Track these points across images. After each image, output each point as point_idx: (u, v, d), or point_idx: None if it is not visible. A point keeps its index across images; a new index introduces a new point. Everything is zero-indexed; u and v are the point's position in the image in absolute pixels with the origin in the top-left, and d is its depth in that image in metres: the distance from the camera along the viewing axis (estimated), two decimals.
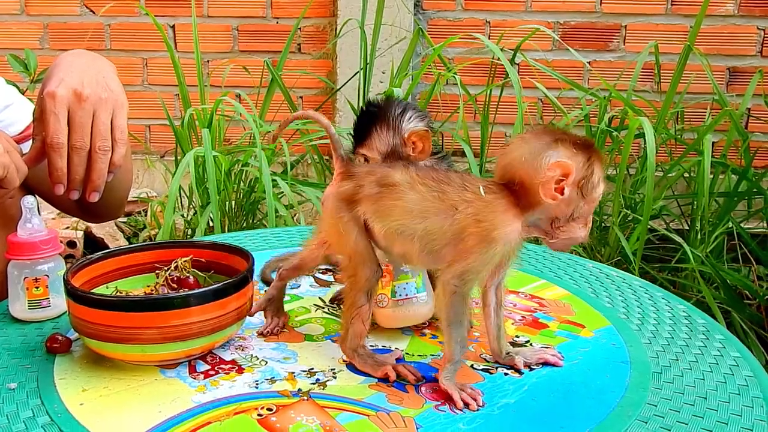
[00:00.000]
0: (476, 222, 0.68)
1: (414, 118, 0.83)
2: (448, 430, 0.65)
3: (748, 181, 1.98)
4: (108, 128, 0.88)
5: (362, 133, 0.83)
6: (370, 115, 0.83)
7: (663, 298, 0.96)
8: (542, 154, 0.68)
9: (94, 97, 0.87)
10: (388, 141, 0.82)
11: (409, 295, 0.82)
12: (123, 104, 0.92)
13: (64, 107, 0.85)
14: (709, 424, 0.66)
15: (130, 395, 0.70)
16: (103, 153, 0.87)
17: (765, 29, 2.43)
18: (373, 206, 0.73)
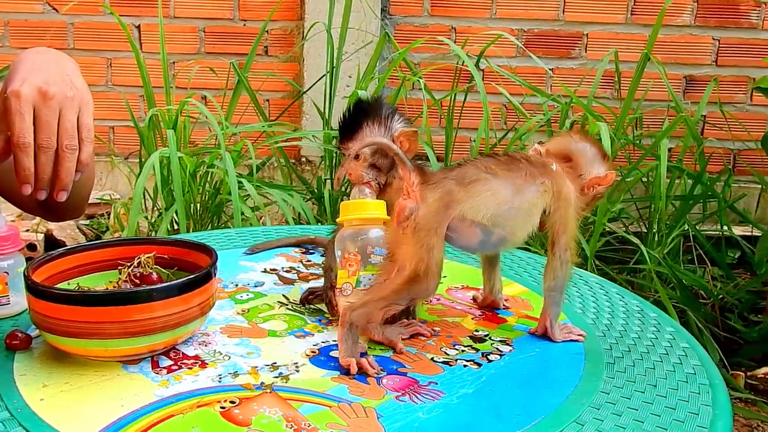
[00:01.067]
0: (558, 193, 0.80)
1: (401, 120, 0.87)
2: (408, 419, 0.66)
3: (703, 185, 2.03)
4: (75, 126, 0.88)
5: (352, 127, 0.85)
6: (362, 110, 0.86)
7: (617, 293, 0.99)
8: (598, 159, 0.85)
9: (60, 96, 0.87)
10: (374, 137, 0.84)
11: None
12: (89, 102, 0.91)
13: (30, 106, 0.84)
14: (658, 409, 0.69)
15: (92, 390, 0.70)
16: (70, 152, 0.87)
17: (720, 39, 2.50)
18: (470, 202, 0.77)
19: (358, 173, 0.86)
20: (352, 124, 0.85)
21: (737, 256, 2.22)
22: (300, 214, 1.91)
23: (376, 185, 0.87)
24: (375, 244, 0.83)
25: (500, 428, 0.65)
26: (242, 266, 1.06)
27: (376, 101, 0.88)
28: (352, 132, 0.85)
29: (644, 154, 2.00)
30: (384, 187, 0.88)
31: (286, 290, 0.97)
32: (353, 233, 0.84)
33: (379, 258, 0.83)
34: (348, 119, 0.86)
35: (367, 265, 0.84)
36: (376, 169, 0.87)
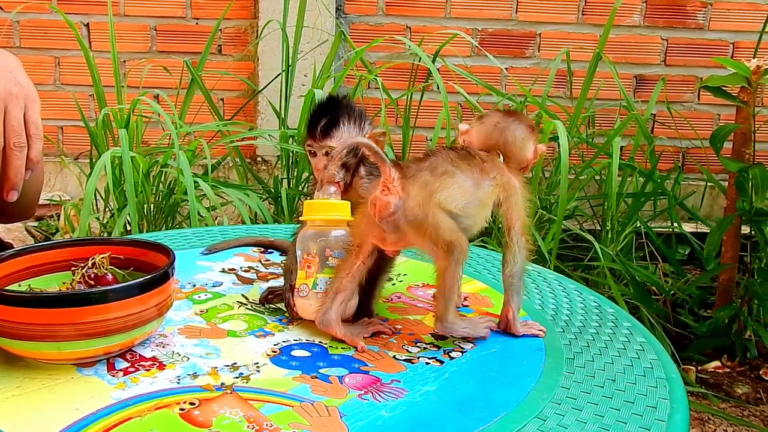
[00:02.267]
0: (505, 183, 0.83)
1: (366, 120, 0.87)
2: (370, 417, 0.66)
3: (654, 182, 2.08)
4: (21, 123, 0.85)
5: (330, 124, 0.85)
6: (339, 107, 0.85)
7: (576, 290, 1.00)
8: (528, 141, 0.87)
9: (4, 93, 0.84)
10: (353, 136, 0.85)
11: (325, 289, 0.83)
12: (35, 99, 0.89)
13: None
14: (617, 403, 0.70)
15: (45, 394, 0.68)
16: (18, 150, 0.84)
17: (668, 39, 2.57)
18: (444, 192, 0.78)
19: (330, 172, 0.85)
20: (330, 122, 0.85)
21: (687, 253, 2.28)
22: (257, 213, 1.89)
23: (343, 185, 0.86)
24: (335, 246, 0.83)
25: (463, 424, 0.65)
26: (200, 266, 1.04)
27: (348, 99, 0.88)
28: (330, 129, 0.85)
29: (597, 153, 2.04)
30: (347, 187, 0.88)
31: (245, 290, 0.96)
32: (315, 234, 0.84)
33: (337, 261, 0.83)
34: (327, 116, 0.85)
35: (325, 268, 0.83)
36: (345, 169, 0.87)
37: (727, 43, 2.56)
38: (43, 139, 0.87)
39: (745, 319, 1.93)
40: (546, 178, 2.13)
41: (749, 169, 1.82)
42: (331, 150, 0.85)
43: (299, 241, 0.85)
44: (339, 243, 0.83)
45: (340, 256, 0.83)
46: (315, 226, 0.84)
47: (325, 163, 0.85)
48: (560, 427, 0.65)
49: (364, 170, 0.89)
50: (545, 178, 2.13)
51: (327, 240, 0.83)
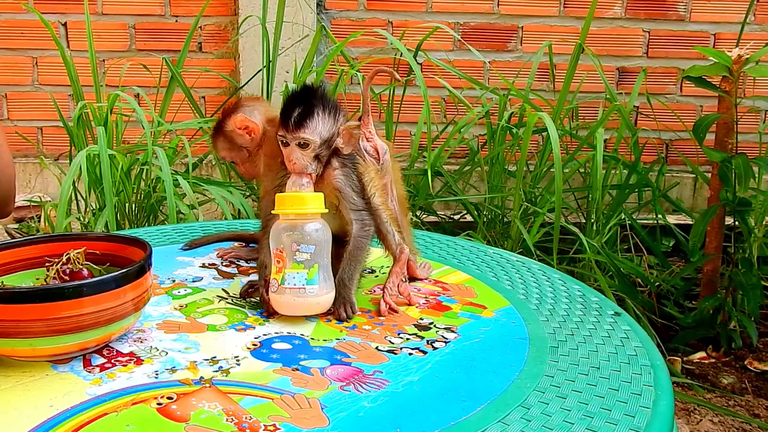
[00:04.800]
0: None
1: (341, 111, 0.86)
2: (352, 408, 0.65)
3: (638, 174, 2.08)
4: None
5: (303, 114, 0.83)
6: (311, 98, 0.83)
7: (560, 279, 1.00)
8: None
9: None
10: (329, 128, 0.84)
11: (297, 285, 0.82)
12: None
13: None
14: (602, 391, 0.69)
15: (19, 392, 0.66)
16: None
17: (650, 31, 2.57)
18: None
19: (303, 163, 0.84)
20: (304, 112, 0.83)
21: (672, 244, 2.28)
22: (240, 210, 1.87)
23: (315, 177, 0.85)
24: (308, 240, 0.81)
25: (446, 414, 0.64)
26: (179, 262, 1.02)
27: (323, 89, 0.86)
28: (303, 120, 0.83)
29: (580, 145, 2.03)
30: (318, 179, 0.86)
31: (225, 284, 0.94)
32: (286, 227, 0.82)
33: (306, 255, 0.81)
34: (301, 107, 0.84)
35: (293, 264, 0.82)
36: (317, 160, 0.85)
37: (709, 34, 2.57)
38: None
39: (730, 310, 1.94)
40: (530, 171, 2.13)
41: (732, 159, 1.82)
42: (304, 141, 0.83)
43: (271, 236, 0.84)
44: (312, 237, 0.82)
45: (308, 250, 0.81)
46: (287, 220, 0.83)
47: (293, 155, 0.84)
48: (544, 416, 0.64)
49: (337, 162, 0.88)
50: (530, 171, 2.12)
51: (298, 234, 0.82)
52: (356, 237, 0.87)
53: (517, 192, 1.92)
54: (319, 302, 0.83)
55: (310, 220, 0.83)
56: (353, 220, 0.87)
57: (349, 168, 0.88)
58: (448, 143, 2.12)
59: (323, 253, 0.83)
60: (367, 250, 0.88)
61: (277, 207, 0.83)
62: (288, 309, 0.83)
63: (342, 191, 0.87)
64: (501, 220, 2.08)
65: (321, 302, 0.83)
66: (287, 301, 0.82)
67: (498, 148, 2.06)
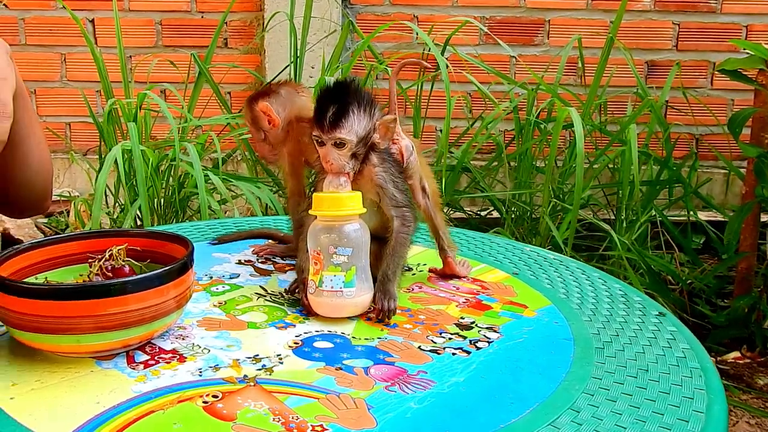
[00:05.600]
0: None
1: (376, 106, 0.83)
2: (399, 409, 0.64)
3: (670, 170, 2.05)
4: None
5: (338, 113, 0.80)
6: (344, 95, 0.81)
7: (600, 278, 0.98)
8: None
9: None
10: (365, 125, 0.81)
11: (335, 288, 0.81)
12: (6, 78, 0.85)
13: None
14: (652, 394, 0.68)
15: (65, 388, 0.66)
16: None
17: (680, 24, 2.53)
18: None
19: (340, 163, 0.82)
20: (339, 111, 0.80)
21: (702, 242, 2.25)
22: (267, 206, 1.87)
23: (352, 175, 0.83)
24: (346, 242, 0.80)
25: (494, 416, 0.63)
26: (216, 258, 1.02)
27: (356, 84, 0.83)
28: (339, 119, 0.80)
29: (612, 140, 2.01)
30: (356, 176, 0.84)
31: (263, 281, 0.94)
32: (323, 229, 0.81)
33: (343, 258, 0.80)
34: (336, 105, 0.80)
35: (330, 266, 0.81)
36: (354, 158, 0.83)
37: (740, 26, 2.53)
38: (11, 118, 0.84)
39: (765, 309, 1.90)
40: (558, 167, 2.11)
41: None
42: (341, 141, 0.81)
43: (309, 236, 0.83)
44: (350, 239, 0.80)
45: (345, 252, 0.80)
46: (324, 221, 0.82)
47: (330, 155, 0.81)
48: (595, 419, 0.63)
49: (376, 158, 0.86)
50: (557, 167, 2.10)
51: (336, 235, 0.80)
52: (398, 233, 0.85)
53: (547, 188, 1.90)
54: (357, 303, 0.82)
55: (347, 221, 0.81)
56: (394, 217, 0.85)
57: (389, 163, 0.86)
58: (476, 139, 2.11)
59: (361, 254, 0.82)
60: (409, 247, 0.87)
61: (314, 208, 0.81)
62: (326, 310, 0.82)
63: (383, 188, 0.85)
64: (529, 216, 2.06)
65: (359, 303, 0.82)
66: (325, 303, 0.82)
67: (526, 143, 2.04)
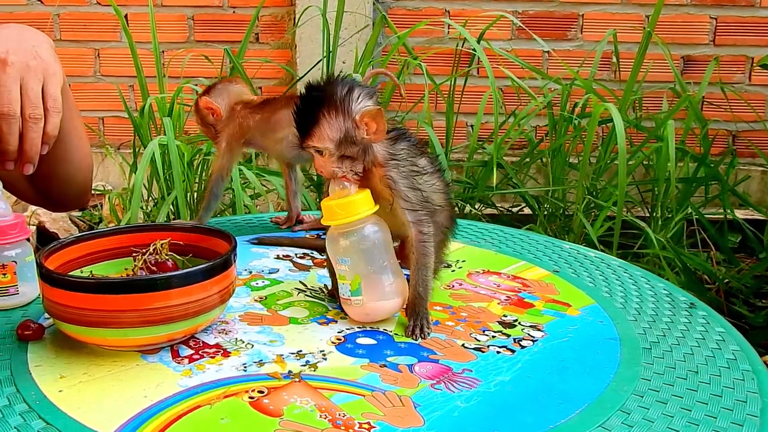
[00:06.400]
0: None
1: (363, 97, 0.76)
2: (446, 408, 0.63)
3: (707, 167, 2.02)
4: (38, 96, 0.83)
5: (308, 122, 0.76)
6: (314, 99, 0.76)
7: (642, 277, 0.97)
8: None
9: (20, 64, 0.83)
10: (339, 126, 0.75)
11: (344, 296, 0.80)
12: (55, 73, 0.86)
13: None
14: (704, 396, 0.66)
15: (112, 381, 0.67)
16: (34, 122, 0.82)
17: (717, 18, 2.49)
18: None
19: (329, 169, 0.77)
20: (306, 120, 0.76)
21: (739, 240, 2.21)
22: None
23: (353, 175, 0.78)
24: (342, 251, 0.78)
25: (543, 416, 0.62)
26: (254, 253, 1.02)
27: (328, 83, 0.76)
28: (309, 128, 0.76)
29: (649, 137, 1.98)
30: (365, 173, 0.78)
31: (302, 276, 0.94)
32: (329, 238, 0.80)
33: (344, 267, 0.78)
34: (300, 114, 0.76)
35: (339, 275, 0.79)
36: (348, 159, 0.77)
37: None
38: (61, 113, 0.85)
39: None
40: (591, 164, 2.08)
41: None
42: (316, 149, 0.77)
43: (326, 246, 0.81)
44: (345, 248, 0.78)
45: (344, 263, 0.78)
46: (338, 229, 0.79)
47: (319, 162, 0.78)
48: (646, 421, 0.62)
49: (384, 154, 0.78)
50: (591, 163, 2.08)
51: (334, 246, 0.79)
52: (418, 243, 0.80)
53: (581, 185, 1.88)
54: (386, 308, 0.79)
55: (345, 229, 0.78)
56: (410, 223, 0.79)
57: (400, 160, 0.79)
58: (509, 134, 2.09)
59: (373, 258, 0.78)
60: (433, 252, 0.81)
61: (325, 217, 0.79)
62: (356, 316, 0.81)
63: (393, 188, 0.78)
64: (562, 213, 2.04)
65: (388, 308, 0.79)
66: (349, 310, 0.81)
67: (560, 139, 2.02)
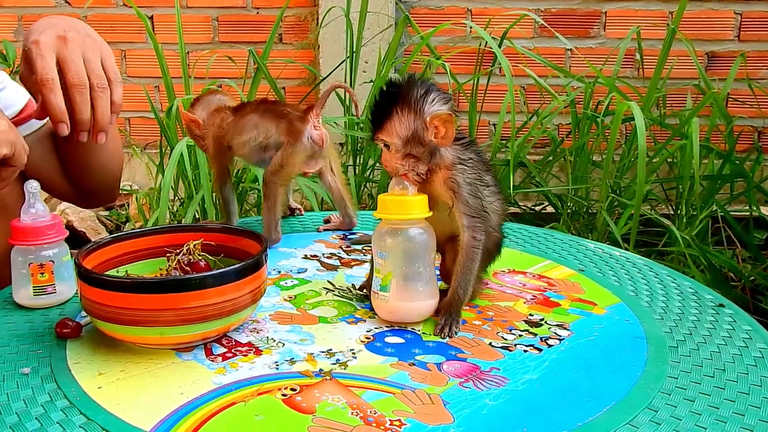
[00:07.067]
0: None
1: (437, 101, 0.78)
2: (475, 405, 0.64)
3: (732, 164, 2.00)
4: (100, 67, 0.86)
5: (381, 116, 0.79)
6: (391, 95, 0.79)
7: (668, 275, 0.97)
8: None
9: (79, 40, 0.86)
10: (408, 124, 0.78)
11: (374, 289, 0.81)
12: (110, 51, 0.90)
13: (51, 50, 0.83)
14: (731, 394, 0.67)
15: (149, 378, 0.69)
16: (101, 90, 0.85)
17: (742, 13, 2.46)
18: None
19: (392, 165, 0.80)
20: (380, 114, 0.79)
21: (765, 237, 2.19)
22: (322, 199, 1.89)
23: (415, 176, 0.80)
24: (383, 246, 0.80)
25: (572, 415, 0.63)
26: (282, 253, 1.04)
27: (407, 82, 0.79)
28: (381, 122, 0.79)
29: (673, 135, 1.97)
30: (427, 177, 0.81)
31: (330, 276, 0.95)
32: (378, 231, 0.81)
33: (380, 261, 0.80)
34: (376, 107, 0.80)
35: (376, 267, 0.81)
36: (412, 158, 0.80)
37: None
38: (122, 84, 0.89)
39: None
40: (615, 162, 2.07)
41: None
42: (384, 142, 0.80)
43: (372, 238, 0.82)
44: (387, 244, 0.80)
45: (382, 257, 0.80)
46: (387, 224, 0.81)
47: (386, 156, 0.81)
48: (674, 419, 0.63)
49: (452, 158, 0.81)
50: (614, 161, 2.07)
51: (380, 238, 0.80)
52: (468, 247, 0.81)
53: (604, 183, 1.87)
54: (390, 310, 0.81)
55: (393, 225, 0.80)
56: (465, 227, 0.81)
57: (467, 165, 0.81)
58: (532, 133, 2.09)
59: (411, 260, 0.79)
60: (479, 260, 0.82)
61: (379, 209, 0.81)
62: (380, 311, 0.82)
63: (455, 192, 0.80)
64: (586, 211, 2.04)
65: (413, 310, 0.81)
66: (375, 305, 0.82)
67: (583, 138, 2.01)
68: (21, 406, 0.64)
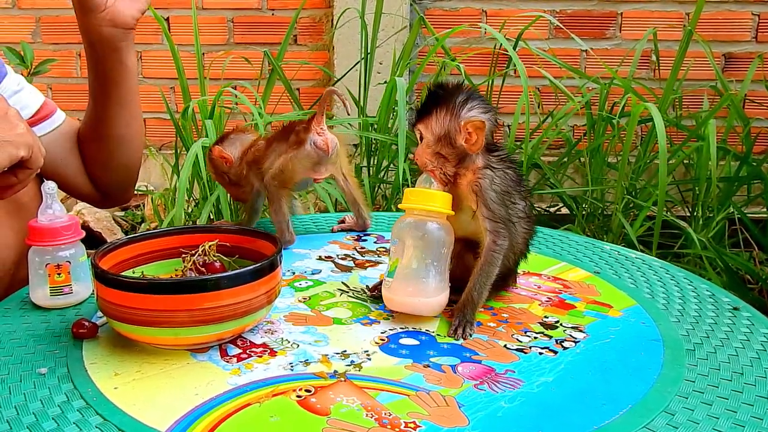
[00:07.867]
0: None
1: (476, 108, 0.81)
2: (490, 408, 0.64)
3: (749, 166, 1.99)
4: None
5: (424, 110, 0.84)
6: (435, 95, 0.83)
7: (685, 278, 0.96)
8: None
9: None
10: (444, 124, 0.82)
11: (384, 273, 0.83)
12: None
13: None
14: (749, 398, 0.66)
15: (165, 379, 0.69)
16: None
17: (759, 14, 2.44)
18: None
19: (422, 159, 0.84)
20: (424, 108, 0.83)
21: None
22: (336, 200, 1.89)
23: (442, 175, 0.82)
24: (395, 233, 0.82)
25: (588, 418, 0.63)
26: (297, 254, 1.04)
27: (452, 87, 0.84)
28: (422, 116, 0.83)
29: (690, 136, 1.96)
30: (454, 179, 0.83)
31: (344, 278, 0.95)
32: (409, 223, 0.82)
33: (392, 248, 0.82)
34: (422, 103, 0.84)
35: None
36: (442, 158, 0.82)
37: None
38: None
39: None
40: (630, 164, 2.06)
41: None
42: (420, 133, 0.84)
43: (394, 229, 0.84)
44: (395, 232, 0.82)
45: (394, 243, 0.82)
46: (408, 215, 0.83)
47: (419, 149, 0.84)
48: (691, 422, 0.62)
49: (482, 163, 0.82)
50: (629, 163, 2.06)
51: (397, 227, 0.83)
52: (489, 251, 0.81)
53: (620, 184, 1.86)
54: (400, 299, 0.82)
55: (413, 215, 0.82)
56: (487, 231, 0.81)
57: (495, 171, 0.82)
58: (546, 134, 2.08)
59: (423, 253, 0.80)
60: (498, 265, 0.82)
61: (404, 201, 0.83)
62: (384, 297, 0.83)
63: (480, 195, 0.81)
64: (601, 213, 2.02)
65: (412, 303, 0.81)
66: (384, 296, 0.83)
67: (598, 139, 2.00)
68: (38, 406, 0.65)
